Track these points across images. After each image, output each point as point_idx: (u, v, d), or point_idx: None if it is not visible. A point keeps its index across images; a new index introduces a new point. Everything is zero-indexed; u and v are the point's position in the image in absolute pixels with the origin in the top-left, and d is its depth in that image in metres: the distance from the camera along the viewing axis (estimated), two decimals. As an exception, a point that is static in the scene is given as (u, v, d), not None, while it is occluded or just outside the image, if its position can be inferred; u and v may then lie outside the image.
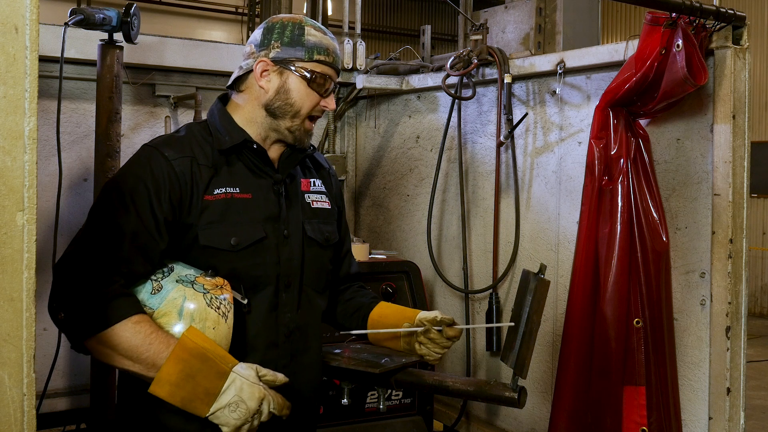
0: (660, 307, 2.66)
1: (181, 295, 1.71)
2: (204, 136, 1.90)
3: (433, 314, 2.04)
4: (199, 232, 1.79)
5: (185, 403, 1.64)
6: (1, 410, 1.09)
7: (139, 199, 1.75)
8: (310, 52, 1.89)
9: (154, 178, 1.77)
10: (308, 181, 2.04)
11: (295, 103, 1.89)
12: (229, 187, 1.84)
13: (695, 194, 2.66)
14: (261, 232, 1.85)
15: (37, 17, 1.12)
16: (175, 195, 1.77)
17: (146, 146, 1.87)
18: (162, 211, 1.75)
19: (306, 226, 1.96)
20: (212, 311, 1.71)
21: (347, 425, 3.06)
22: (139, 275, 1.74)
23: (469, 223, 3.59)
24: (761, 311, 11.00)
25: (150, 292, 1.73)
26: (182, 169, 1.80)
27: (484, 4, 5.54)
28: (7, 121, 1.09)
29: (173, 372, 1.63)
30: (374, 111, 4.20)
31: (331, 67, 1.91)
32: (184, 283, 1.73)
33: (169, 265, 1.78)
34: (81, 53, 3.11)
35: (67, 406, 3.28)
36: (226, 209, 1.82)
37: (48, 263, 2.30)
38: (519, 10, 4.30)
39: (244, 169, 1.89)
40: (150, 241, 1.74)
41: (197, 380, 1.63)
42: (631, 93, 2.65)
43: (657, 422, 2.62)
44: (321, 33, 1.92)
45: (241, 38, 14.62)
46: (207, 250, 1.79)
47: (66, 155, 3.12)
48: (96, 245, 1.71)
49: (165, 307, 1.71)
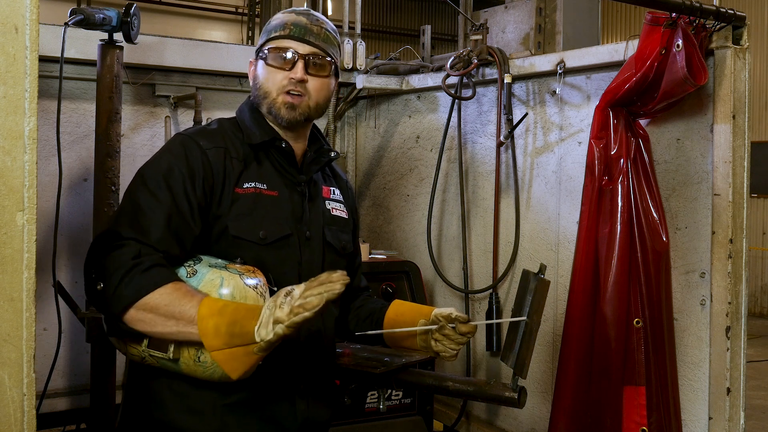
0: (660, 307, 2.66)
1: (218, 276, 1.70)
2: (234, 131, 1.91)
3: (448, 311, 2.00)
4: (229, 223, 1.79)
5: (231, 327, 1.57)
6: (1, 410, 1.09)
7: (174, 183, 1.75)
8: (268, 34, 1.91)
9: (188, 164, 1.77)
10: (329, 188, 2.05)
11: (262, 85, 1.90)
12: (258, 183, 1.85)
13: (695, 194, 2.66)
14: (287, 229, 1.86)
15: (37, 17, 1.12)
16: (208, 183, 1.78)
17: (180, 134, 1.89)
18: (196, 197, 1.75)
19: (326, 231, 1.96)
20: (251, 291, 1.69)
21: (347, 425, 3.06)
22: (173, 258, 1.73)
23: (469, 223, 3.59)
24: (761, 311, 11.00)
25: (186, 276, 1.72)
26: (216, 159, 1.80)
27: (484, 4, 5.53)
28: (7, 121, 1.09)
29: (212, 305, 1.60)
30: (374, 111, 4.20)
31: (286, 39, 1.87)
32: (218, 267, 1.73)
33: (197, 256, 1.78)
34: (81, 53, 3.10)
35: (67, 406, 3.28)
36: (255, 203, 1.82)
37: (48, 263, 2.30)
38: (519, 10, 4.30)
39: (271, 168, 1.90)
40: (184, 224, 1.74)
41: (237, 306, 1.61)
42: (631, 93, 2.65)
43: (657, 422, 2.62)
44: (288, 14, 1.92)
45: (241, 38, 14.61)
46: (236, 242, 1.79)
47: (66, 155, 3.12)
48: (132, 224, 1.71)
49: (203, 287, 1.69)
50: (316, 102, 1.90)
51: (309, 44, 1.88)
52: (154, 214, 1.71)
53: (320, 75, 1.89)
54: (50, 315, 2.42)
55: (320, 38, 1.90)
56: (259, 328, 1.55)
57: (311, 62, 1.87)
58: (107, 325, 1.72)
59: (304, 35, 1.88)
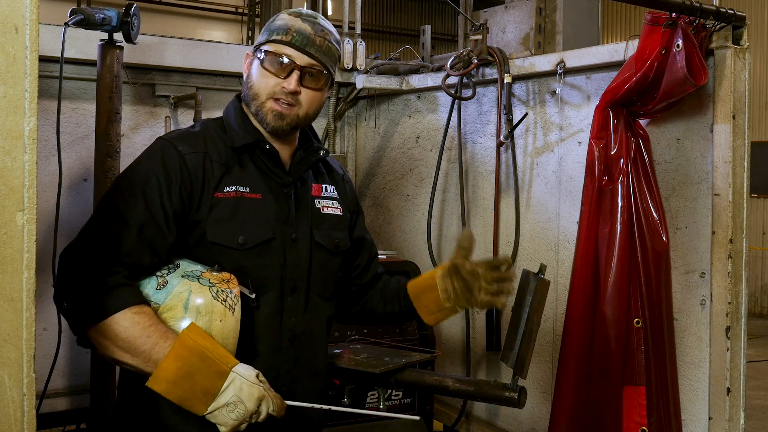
0: (660, 307, 2.66)
1: (186, 289, 1.70)
2: (219, 133, 1.88)
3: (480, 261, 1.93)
4: (207, 229, 1.77)
5: (182, 401, 1.63)
6: (1, 410, 1.09)
7: (150, 191, 1.74)
8: (270, 34, 1.86)
9: (165, 170, 1.76)
10: (320, 186, 2.01)
11: (253, 86, 1.86)
12: (240, 186, 1.82)
13: (695, 194, 2.66)
14: (269, 233, 1.83)
15: (37, 17, 1.12)
16: (186, 189, 1.76)
17: (160, 139, 1.86)
18: (171, 204, 1.74)
19: (314, 231, 1.94)
20: (219, 304, 1.69)
21: (347, 425, 3.06)
22: (145, 268, 1.72)
23: (469, 223, 3.59)
24: (761, 311, 11.00)
25: (155, 288, 1.72)
26: (194, 164, 1.79)
27: (484, 4, 5.53)
28: (7, 121, 1.09)
29: (171, 369, 1.61)
30: (374, 111, 4.20)
31: (287, 46, 1.82)
32: (190, 277, 1.72)
33: (175, 262, 1.77)
34: (81, 53, 3.10)
35: (67, 406, 3.28)
36: (235, 207, 1.80)
37: (48, 263, 2.30)
38: (519, 10, 4.30)
39: (255, 170, 1.87)
40: (158, 233, 1.73)
41: (196, 379, 1.62)
42: (631, 93, 2.65)
43: (657, 422, 2.62)
44: (294, 17, 1.86)
45: (241, 38, 14.62)
46: (214, 248, 1.78)
47: (66, 155, 3.12)
48: (102, 235, 1.71)
49: (171, 301, 1.69)
50: (306, 113, 1.87)
51: (309, 56, 1.83)
52: (127, 224, 1.70)
53: (314, 87, 1.85)
54: (50, 315, 2.42)
55: (321, 51, 1.85)
56: (208, 413, 1.63)
57: (307, 74, 1.84)
58: (76, 336, 1.73)
59: (305, 45, 1.83)
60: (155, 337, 1.63)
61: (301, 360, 1.91)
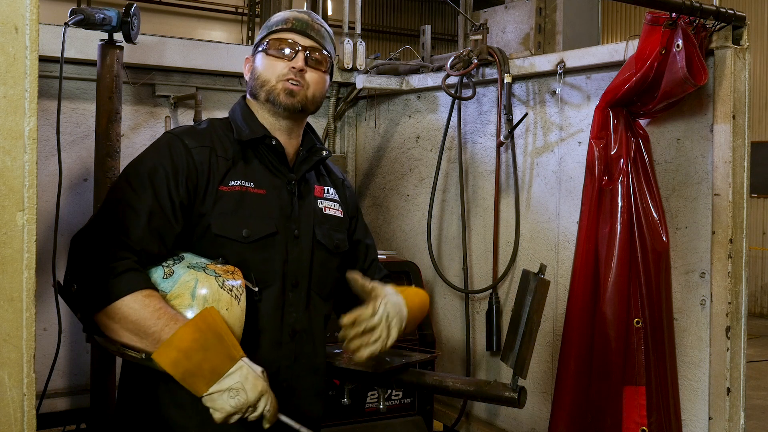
0: (660, 307, 2.66)
1: (193, 278, 1.72)
2: (224, 130, 1.94)
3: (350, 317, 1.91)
4: (212, 221, 1.80)
5: (186, 376, 1.61)
6: (1, 410, 1.09)
7: (157, 180, 1.77)
8: (269, 29, 1.97)
9: (173, 162, 1.80)
10: (322, 188, 2.05)
11: (261, 74, 1.94)
12: (245, 181, 1.86)
13: (695, 194, 2.66)
14: (272, 228, 1.86)
15: (37, 17, 1.12)
16: (192, 181, 1.80)
17: (168, 133, 1.92)
18: (178, 195, 1.77)
19: (316, 229, 1.96)
20: (225, 293, 1.71)
21: (347, 425, 3.06)
22: (153, 256, 1.74)
23: (469, 223, 3.59)
24: (761, 311, 10.99)
25: (162, 277, 1.73)
26: (201, 158, 1.83)
27: (484, 4, 5.53)
28: (7, 121, 1.09)
29: (187, 339, 1.60)
30: (374, 111, 4.20)
31: (289, 31, 1.94)
32: (196, 268, 1.74)
33: (179, 254, 1.79)
34: (81, 53, 3.10)
35: (67, 406, 3.28)
36: (239, 202, 1.83)
37: (48, 263, 2.30)
38: (519, 10, 4.30)
39: (261, 166, 1.91)
40: (165, 222, 1.75)
41: (207, 355, 1.61)
42: (631, 93, 2.65)
43: (657, 422, 2.62)
44: (289, 12, 1.99)
45: (241, 38, 14.62)
46: (218, 240, 1.80)
47: (66, 155, 3.12)
48: (112, 222, 1.73)
49: (178, 289, 1.71)
50: (313, 94, 1.94)
51: (310, 38, 1.94)
52: (136, 212, 1.73)
53: (318, 69, 1.95)
54: (50, 315, 2.42)
55: (320, 35, 1.97)
56: (207, 395, 1.61)
57: (311, 56, 1.93)
58: (82, 323, 1.75)
59: (305, 29, 1.94)
60: (165, 318, 1.64)
61: (301, 356, 1.92)
